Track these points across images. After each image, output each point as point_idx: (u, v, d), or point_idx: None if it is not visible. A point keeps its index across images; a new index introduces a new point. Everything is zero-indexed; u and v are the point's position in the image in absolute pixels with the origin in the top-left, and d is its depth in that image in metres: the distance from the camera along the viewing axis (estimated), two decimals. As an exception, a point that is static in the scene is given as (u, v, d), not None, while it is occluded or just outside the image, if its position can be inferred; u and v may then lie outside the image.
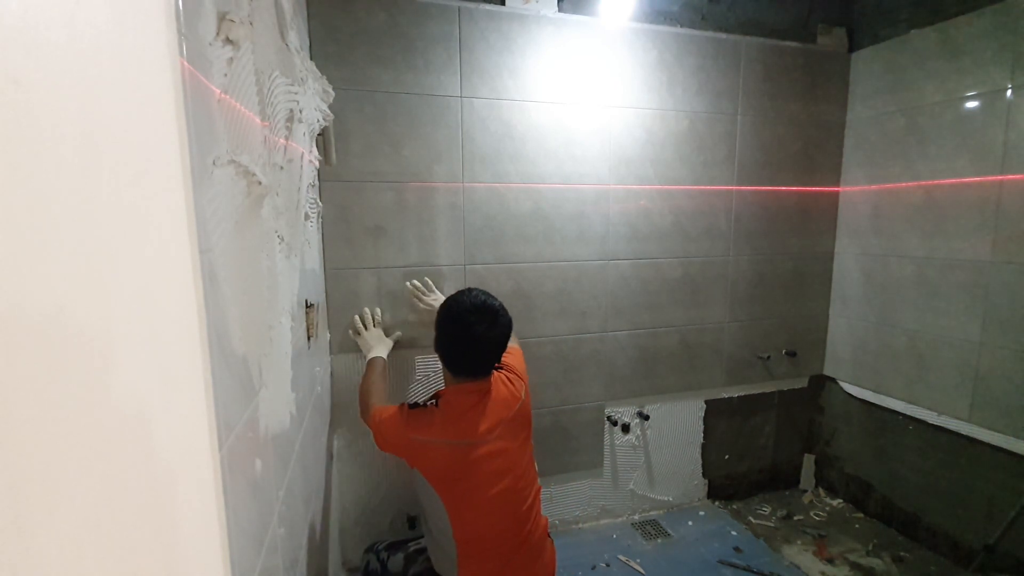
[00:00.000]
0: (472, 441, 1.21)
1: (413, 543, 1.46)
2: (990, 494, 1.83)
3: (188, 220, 0.52)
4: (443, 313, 1.30)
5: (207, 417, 0.55)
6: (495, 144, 1.81)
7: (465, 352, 1.26)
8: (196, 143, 0.55)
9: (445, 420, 1.21)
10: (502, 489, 1.24)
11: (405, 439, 1.21)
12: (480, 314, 1.26)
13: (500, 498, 1.24)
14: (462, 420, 1.21)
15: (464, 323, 1.24)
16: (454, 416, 1.21)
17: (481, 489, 1.22)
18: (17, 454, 0.28)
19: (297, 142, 1.12)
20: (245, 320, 0.71)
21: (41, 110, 0.31)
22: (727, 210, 2.15)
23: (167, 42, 0.49)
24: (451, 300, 1.32)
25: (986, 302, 1.81)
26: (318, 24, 1.58)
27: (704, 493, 2.36)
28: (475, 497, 1.21)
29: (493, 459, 1.23)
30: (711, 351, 2.23)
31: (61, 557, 0.31)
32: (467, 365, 1.27)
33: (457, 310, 1.27)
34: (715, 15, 2.04)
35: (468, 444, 1.20)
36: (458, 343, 1.26)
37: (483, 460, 1.21)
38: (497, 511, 1.24)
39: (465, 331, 1.24)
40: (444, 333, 1.28)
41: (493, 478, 1.23)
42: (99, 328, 0.37)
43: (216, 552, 0.56)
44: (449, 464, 1.20)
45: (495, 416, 1.24)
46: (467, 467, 1.20)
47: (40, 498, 0.30)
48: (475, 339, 1.24)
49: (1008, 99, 1.72)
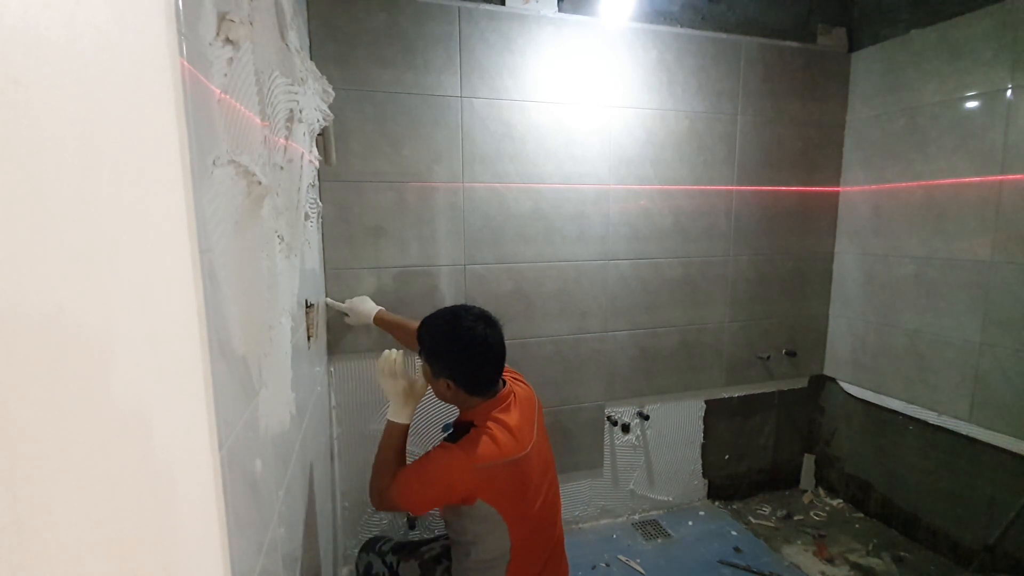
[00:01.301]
0: (525, 453, 1.15)
1: (426, 548, 1.35)
2: (990, 494, 1.83)
3: (188, 220, 0.52)
4: (441, 336, 1.19)
5: (207, 417, 0.55)
6: (495, 144, 1.81)
7: (483, 364, 1.17)
8: (196, 143, 0.55)
9: (498, 439, 1.13)
10: (547, 490, 1.20)
11: (468, 472, 1.09)
12: (482, 321, 1.19)
13: (546, 501, 1.20)
14: (511, 434, 1.15)
15: (473, 335, 1.16)
16: (503, 433, 1.14)
17: (536, 498, 1.18)
18: (17, 454, 0.28)
19: (297, 142, 1.12)
20: (245, 320, 0.71)
21: (41, 110, 0.31)
22: (727, 210, 2.15)
23: (167, 42, 0.49)
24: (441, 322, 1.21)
25: (986, 302, 1.81)
26: (318, 24, 1.58)
27: (704, 493, 2.36)
28: (533, 508, 1.17)
29: (538, 462, 1.19)
30: (711, 351, 2.23)
31: (61, 557, 0.31)
32: (488, 377, 1.19)
33: (458, 326, 1.18)
34: (715, 15, 2.04)
35: (522, 457, 1.15)
36: (474, 358, 1.16)
37: (532, 467, 1.17)
38: (546, 516, 1.20)
39: (479, 342, 1.16)
40: (454, 354, 1.17)
41: (541, 482, 1.19)
42: (99, 328, 0.37)
43: (216, 552, 0.56)
44: (511, 483, 1.13)
45: (527, 419, 1.21)
46: (524, 480, 1.15)
47: (40, 498, 0.30)
48: (490, 347, 1.17)
49: (1008, 99, 1.72)
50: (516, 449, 1.14)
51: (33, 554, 0.29)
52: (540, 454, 1.22)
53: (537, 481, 1.18)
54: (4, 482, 0.27)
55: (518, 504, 1.14)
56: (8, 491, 0.27)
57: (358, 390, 1.79)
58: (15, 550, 0.27)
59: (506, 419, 1.16)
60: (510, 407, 1.19)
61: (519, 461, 1.14)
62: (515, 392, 1.24)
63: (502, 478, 1.12)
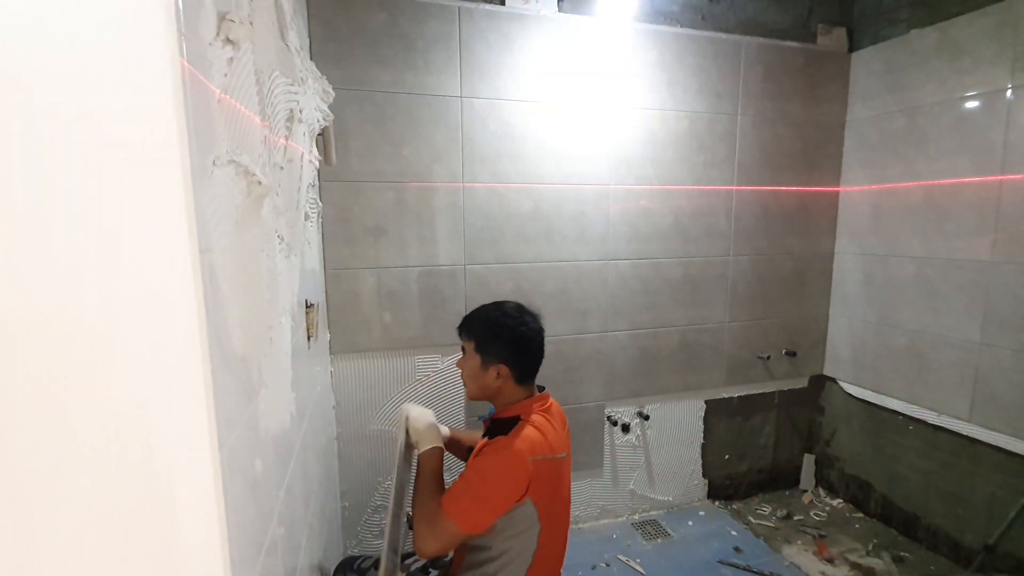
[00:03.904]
0: (566, 454, 1.17)
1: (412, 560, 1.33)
2: (990, 494, 1.83)
3: (188, 220, 0.52)
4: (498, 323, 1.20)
5: (207, 417, 0.55)
6: (495, 144, 1.81)
7: (535, 352, 1.21)
8: (196, 143, 0.55)
9: (548, 434, 1.13)
10: (569, 504, 1.22)
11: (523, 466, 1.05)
12: (527, 313, 1.23)
13: (568, 513, 1.22)
14: (555, 432, 1.16)
15: (526, 324, 1.19)
16: (551, 429, 1.15)
17: (564, 507, 1.19)
18: (17, 454, 0.28)
19: (297, 142, 1.12)
20: (245, 320, 0.71)
21: (41, 110, 0.31)
22: (727, 210, 2.15)
23: (167, 42, 0.49)
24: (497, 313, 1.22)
25: (986, 302, 1.81)
26: (318, 24, 1.58)
27: (704, 493, 2.36)
28: (561, 514, 1.18)
29: (568, 474, 1.20)
30: (711, 351, 2.23)
31: (61, 557, 0.31)
32: (535, 367, 1.22)
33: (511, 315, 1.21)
34: (715, 15, 2.04)
35: (564, 458, 1.15)
36: (528, 344, 1.19)
37: (566, 473, 1.18)
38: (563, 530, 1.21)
39: (531, 329, 1.19)
40: (511, 339, 1.18)
41: (567, 494, 1.20)
42: (99, 328, 0.37)
43: (216, 552, 0.56)
44: (552, 481, 1.11)
45: (565, 428, 1.22)
46: (559, 483, 1.14)
47: (40, 498, 0.30)
48: (538, 334, 1.21)
49: (1008, 99, 1.72)
50: (561, 448, 1.15)
51: (33, 554, 0.29)
52: (569, 468, 1.21)
53: (565, 492, 1.19)
54: (4, 482, 0.27)
55: (552, 505, 1.14)
56: (8, 491, 0.27)
57: (358, 390, 1.79)
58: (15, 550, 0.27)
59: (548, 420, 1.17)
60: (551, 409, 1.21)
61: (562, 461, 1.15)
62: (552, 400, 1.25)
63: (548, 473, 1.10)
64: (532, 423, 1.14)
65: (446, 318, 1.82)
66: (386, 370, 1.81)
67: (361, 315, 1.76)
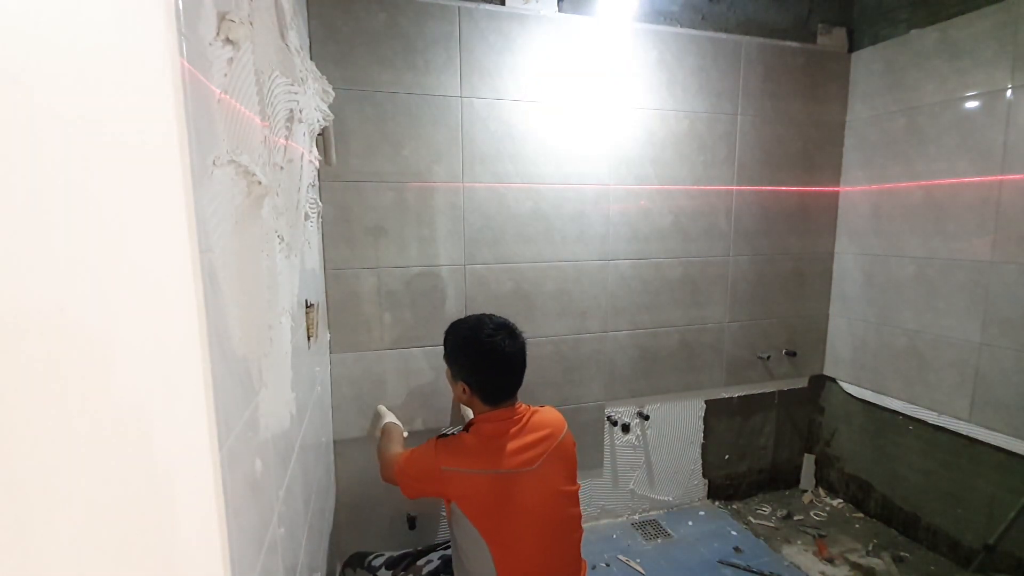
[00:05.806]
0: (512, 471, 1.12)
1: (424, 562, 1.32)
2: (990, 494, 1.83)
3: (188, 220, 0.52)
4: (462, 341, 1.23)
5: (207, 417, 0.55)
6: (495, 144, 1.81)
7: (499, 373, 1.19)
8: (196, 143, 0.55)
9: (478, 447, 1.13)
10: (545, 527, 1.16)
11: (435, 471, 1.12)
12: (503, 331, 1.21)
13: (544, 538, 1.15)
14: (497, 447, 1.13)
15: (491, 343, 1.18)
16: (487, 443, 1.14)
17: (525, 526, 1.13)
18: (17, 454, 0.28)
19: (297, 142, 1.12)
20: (245, 320, 0.71)
21: (41, 110, 0.31)
22: (727, 210, 2.15)
23: (167, 42, 0.49)
24: (464, 328, 1.25)
25: (986, 302, 1.81)
26: (318, 24, 1.58)
27: (704, 493, 2.36)
28: (518, 533, 1.13)
29: (536, 492, 1.14)
30: (711, 351, 2.23)
31: (61, 557, 0.31)
32: (502, 387, 1.20)
33: (478, 333, 1.20)
34: (715, 15, 2.04)
35: (509, 474, 1.12)
36: (491, 366, 1.18)
37: (526, 493, 1.13)
38: (541, 552, 1.15)
39: (495, 350, 1.18)
40: (470, 360, 1.20)
41: (537, 513, 1.15)
42: (99, 328, 0.37)
43: (216, 552, 0.56)
44: (488, 495, 1.11)
45: (539, 445, 1.17)
46: (508, 499, 1.11)
47: (40, 498, 0.30)
48: (507, 357, 1.18)
49: (1008, 99, 1.72)
50: (490, 464, 1.12)
51: (33, 554, 0.29)
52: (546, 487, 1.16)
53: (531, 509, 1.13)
54: (4, 482, 0.27)
55: (499, 522, 1.11)
56: (8, 491, 0.27)
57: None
58: (15, 550, 0.27)
59: (495, 432, 1.15)
60: (512, 425, 1.17)
61: (502, 478, 1.11)
62: (536, 418, 1.22)
63: (476, 487, 1.11)
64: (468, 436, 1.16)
65: (446, 318, 1.81)
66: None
67: (361, 315, 1.76)
